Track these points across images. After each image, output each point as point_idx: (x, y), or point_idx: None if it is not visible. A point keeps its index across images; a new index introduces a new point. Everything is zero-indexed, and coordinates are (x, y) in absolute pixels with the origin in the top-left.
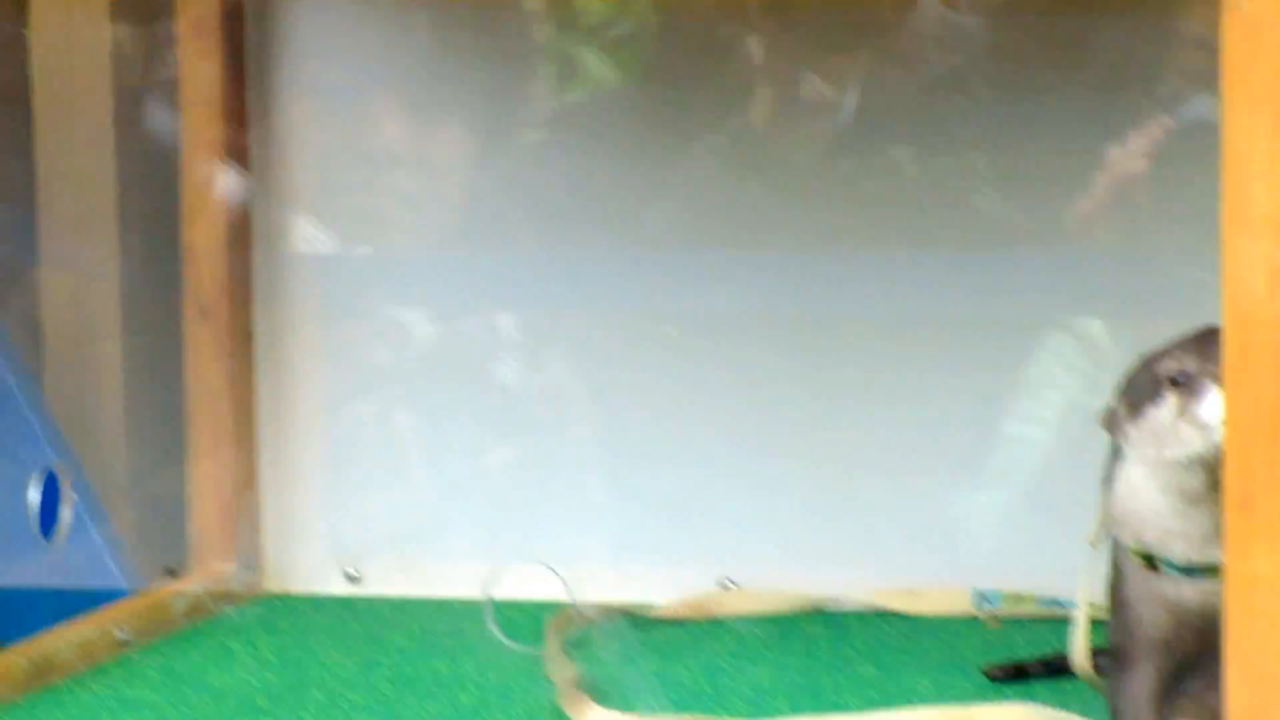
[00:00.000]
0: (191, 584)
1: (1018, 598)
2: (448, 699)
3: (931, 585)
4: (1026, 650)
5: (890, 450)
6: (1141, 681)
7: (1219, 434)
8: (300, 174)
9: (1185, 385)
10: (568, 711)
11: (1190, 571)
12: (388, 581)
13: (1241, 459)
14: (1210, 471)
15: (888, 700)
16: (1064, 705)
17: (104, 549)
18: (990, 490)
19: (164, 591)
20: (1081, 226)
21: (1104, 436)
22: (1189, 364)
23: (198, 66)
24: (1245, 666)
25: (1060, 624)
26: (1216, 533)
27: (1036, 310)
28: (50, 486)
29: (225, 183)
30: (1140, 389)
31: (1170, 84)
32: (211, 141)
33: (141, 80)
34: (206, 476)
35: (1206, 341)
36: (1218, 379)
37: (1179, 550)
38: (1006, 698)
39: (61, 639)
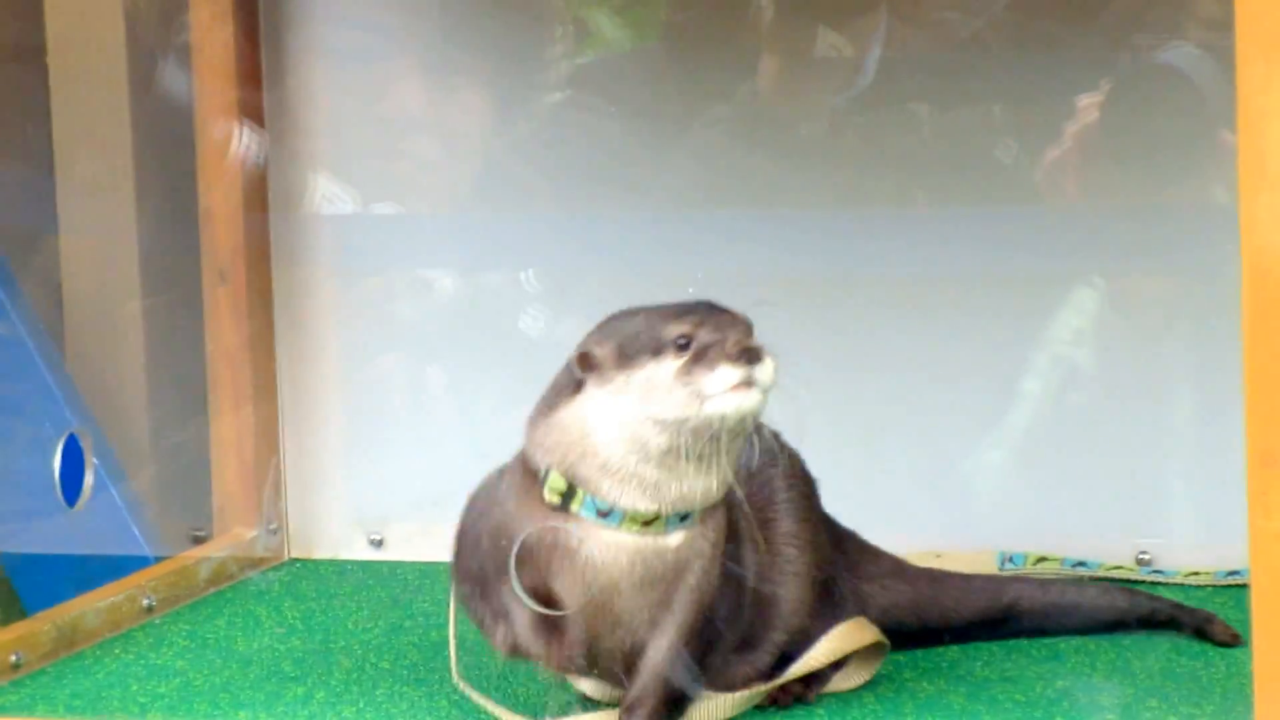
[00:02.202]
0: (216, 549)
1: (1042, 559)
2: (474, 663)
3: (955, 547)
4: None
5: (911, 411)
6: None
7: (714, 408)
8: (316, 136)
9: (695, 354)
10: None
11: (607, 515)
12: (411, 545)
13: (1263, 415)
14: (686, 436)
15: (913, 662)
16: None
17: (127, 515)
18: (1008, 450)
19: (189, 557)
20: (1099, 181)
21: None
22: (704, 334)
23: (212, 30)
24: (1271, 623)
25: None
26: (657, 489)
27: (1055, 266)
28: (73, 453)
29: (241, 146)
30: (637, 340)
31: (1188, 35)
32: (227, 104)
33: (157, 44)
34: (229, 442)
35: (721, 317)
36: (732, 357)
37: (607, 490)
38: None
39: (88, 606)
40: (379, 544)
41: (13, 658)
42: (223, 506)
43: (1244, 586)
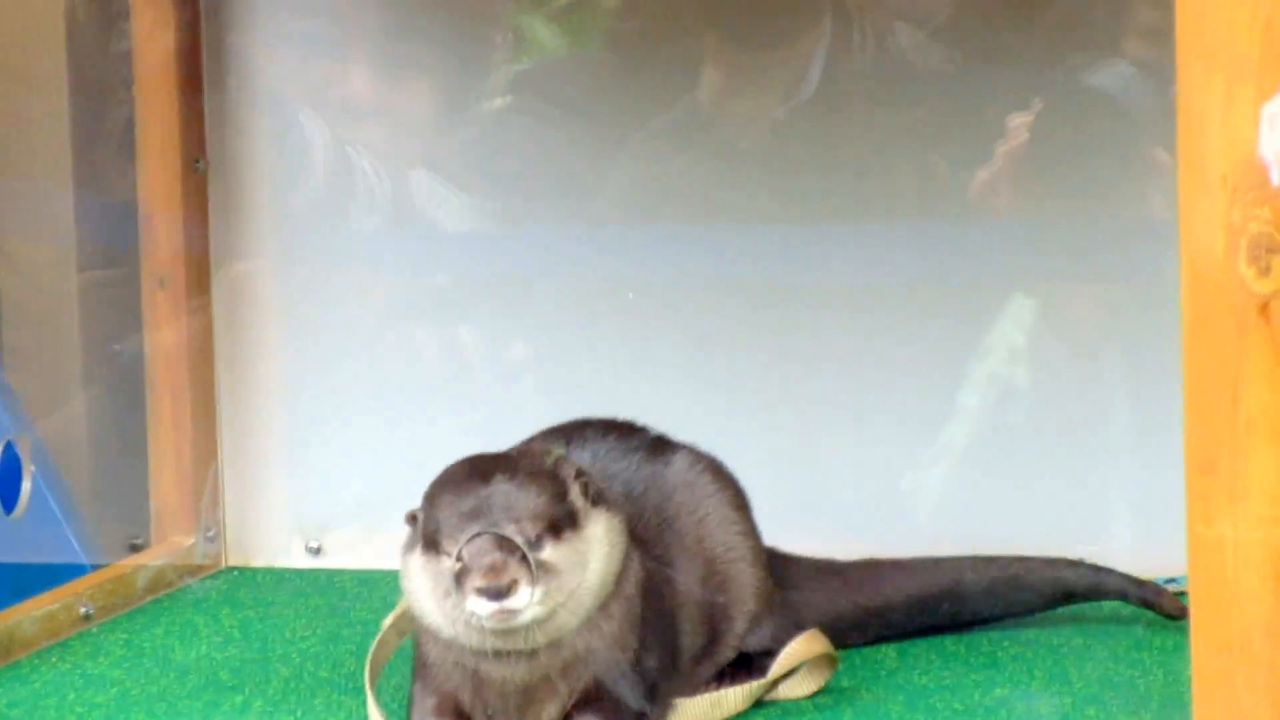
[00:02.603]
0: (153, 558)
1: None
2: (410, 671)
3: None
4: None
5: (850, 421)
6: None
7: (478, 639)
8: (257, 140)
9: (460, 571)
10: None
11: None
12: (349, 553)
13: (1202, 422)
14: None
15: (851, 670)
16: None
17: (64, 523)
18: (947, 460)
19: (126, 565)
20: (1035, 196)
21: None
22: (467, 555)
23: (153, 34)
24: (1209, 631)
25: None
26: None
27: (989, 278)
28: (10, 460)
29: (181, 151)
30: (435, 526)
31: (1127, 45)
32: (167, 108)
33: (97, 47)
34: (167, 448)
35: (484, 541)
36: (480, 591)
37: (464, 640)
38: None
39: (24, 614)
40: (317, 552)
41: None
42: (160, 514)
43: (1182, 594)
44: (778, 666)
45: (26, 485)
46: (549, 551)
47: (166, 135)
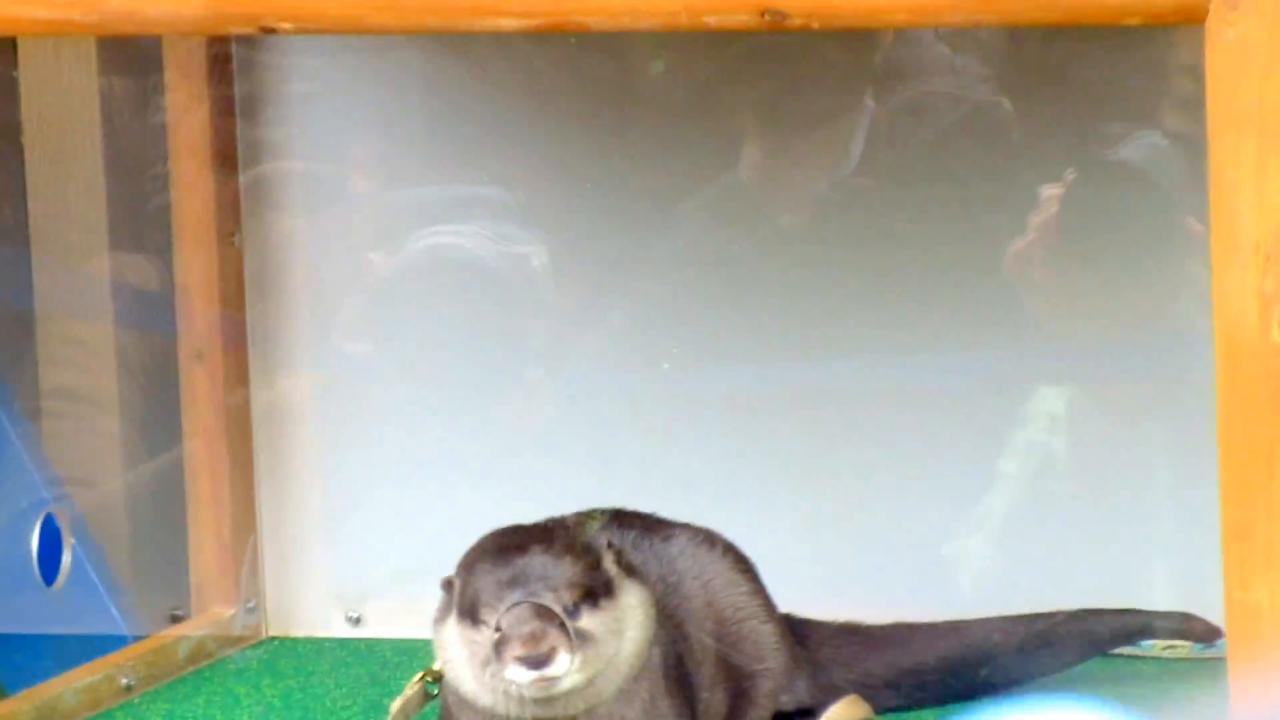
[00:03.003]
0: (194, 628)
1: None
2: None
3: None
4: None
5: (886, 485)
6: None
7: (516, 708)
8: (292, 214)
9: (499, 641)
10: None
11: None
12: (389, 623)
13: (1237, 489)
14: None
15: None
16: None
17: (105, 594)
18: (985, 525)
19: (167, 636)
20: (1069, 265)
21: None
22: (505, 625)
23: (188, 110)
24: (1248, 696)
25: None
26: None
27: (1028, 346)
28: (50, 532)
29: (217, 225)
30: (471, 597)
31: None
32: (202, 186)
33: (132, 122)
34: (206, 520)
35: (523, 609)
36: (534, 639)
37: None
38: None
39: (66, 685)
40: (357, 621)
41: None
42: (200, 585)
43: (1221, 659)
44: None
45: (67, 557)
46: (586, 620)
47: (202, 209)
